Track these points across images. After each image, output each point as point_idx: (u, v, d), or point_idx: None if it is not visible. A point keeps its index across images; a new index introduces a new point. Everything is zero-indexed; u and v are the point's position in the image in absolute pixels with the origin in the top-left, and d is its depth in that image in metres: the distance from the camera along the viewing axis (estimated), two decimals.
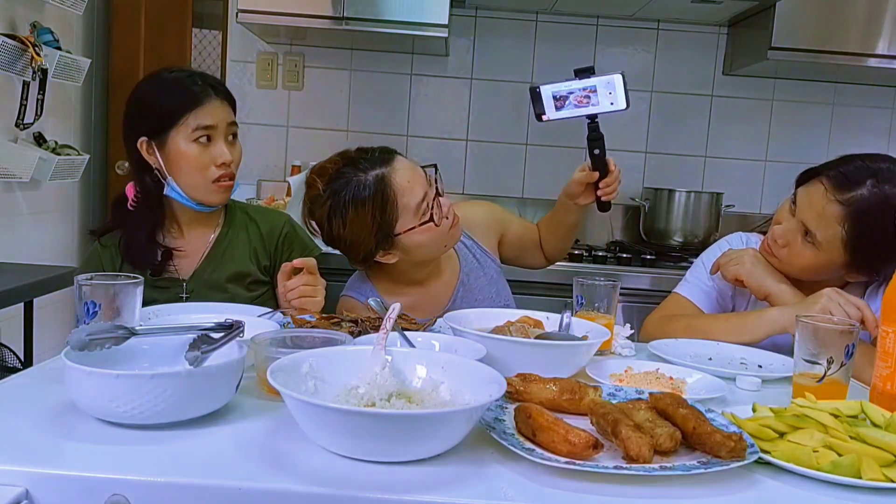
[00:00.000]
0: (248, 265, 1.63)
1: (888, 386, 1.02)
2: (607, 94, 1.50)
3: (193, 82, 1.54)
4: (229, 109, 1.58)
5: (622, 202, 3.07)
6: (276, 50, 3.00)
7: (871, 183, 1.35)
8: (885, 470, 0.80)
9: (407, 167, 1.51)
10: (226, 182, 1.56)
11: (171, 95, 1.52)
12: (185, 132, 1.51)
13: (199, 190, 1.55)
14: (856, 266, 1.41)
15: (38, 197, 2.53)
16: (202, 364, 0.88)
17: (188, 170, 1.53)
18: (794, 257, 1.44)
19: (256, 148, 3.02)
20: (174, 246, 1.59)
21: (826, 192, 1.38)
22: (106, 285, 1.05)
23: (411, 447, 0.79)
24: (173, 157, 1.52)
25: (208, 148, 1.53)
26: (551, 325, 1.29)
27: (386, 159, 1.51)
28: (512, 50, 3.01)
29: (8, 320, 2.24)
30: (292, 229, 1.71)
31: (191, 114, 1.50)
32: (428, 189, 1.51)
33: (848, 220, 1.36)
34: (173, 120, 1.50)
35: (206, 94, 1.53)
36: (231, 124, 1.57)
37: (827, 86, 3.03)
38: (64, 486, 0.73)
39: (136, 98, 1.56)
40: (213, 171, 1.53)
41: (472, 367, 0.94)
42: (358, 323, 1.25)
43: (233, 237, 1.65)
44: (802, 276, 1.47)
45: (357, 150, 1.56)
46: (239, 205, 1.71)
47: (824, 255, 1.40)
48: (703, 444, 0.83)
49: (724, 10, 2.76)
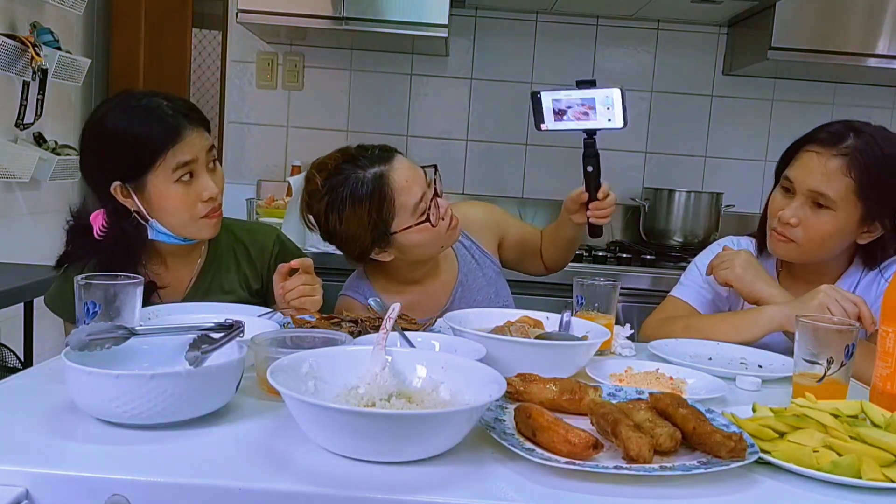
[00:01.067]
0: (238, 291, 1.54)
1: (888, 386, 1.02)
2: (605, 110, 1.52)
3: (165, 113, 1.37)
4: (205, 134, 1.43)
5: (622, 202, 3.07)
6: (276, 50, 3.00)
7: (853, 135, 1.41)
8: (885, 470, 0.80)
9: (406, 166, 1.50)
10: (215, 215, 1.44)
11: (144, 130, 1.35)
12: (165, 173, 1.36)
13: (187, 228, 1.43)
14: (871, 214, 1.41)
15: (38, 197, 2.53)
16: (202, 364, 0.88)
17: (173, 210, 1.40)
18: (812, 230, 1.43)
19: (256, 148, 3.02)
20: (158, 279, 1.47)
21: (820, 155, 1.42)
22: (106, 285, 1.05)
23: (411, 447, 0.79)
24: (155, 200, 1.38)
25: (191, 185, 1.39)
26: (551, 325, 1.29)
27: (385, 157, 1.50)
28: (512, 50, 3.01)
29: (8, 320, 2.24)
30: (282, 245, 1.63)
31: (168, 151, 1.35)
32: (426, 189, 1.50)
33: (853, 167, 1.38)
34: (151, 161, 1.35)
35: (181, 126, 1.37)
36: (209, 150, 1.43)
37: (827, 86, 3.03)
38: (64, 486, 0.73)
39: (105, 134, 1.38)
40: (199, 207, 1.41)
41: (472, 367, 0.94)
42: (358, 323, 1.25)
43: (220, 264, 1.55)
44: (823, 250, 1.45)
45: (357, 147, 1.55)
46: (224, 223, 1.53)
47: (842, 215, 1.41)
48: (703, 444, 0.83)
49: (723, 10, 2.76)
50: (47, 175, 2.38)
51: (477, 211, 1.80)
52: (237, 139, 3.02)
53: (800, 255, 1.48)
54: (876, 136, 1.41)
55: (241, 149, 3.01)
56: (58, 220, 2.65)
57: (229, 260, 1.57)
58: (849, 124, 1.44)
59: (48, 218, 2.59)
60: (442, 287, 1.67)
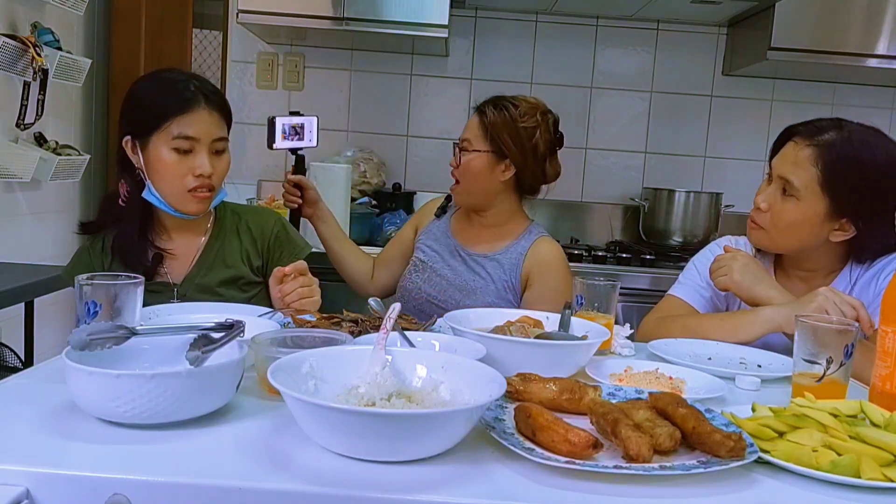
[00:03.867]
0: (241, 268, 1.62)
1: (888, 386, 1.02)
2: (309, 133, 2.05)
3: (186, 87, 1.49)
4: (220, 122, 1.53)
5: (622, 202, 3.08)
6: (276, 50, 3.00)
7: (835, 131, 1.43)
8: (884, 469, 0.80)
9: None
10: (202, 193, 1.51)
11: (160, 96, 1.48)
12: (166, 138, 1.47)
13: (175, 197, 1.51)
14: (837, 210, 1.41)
15: (38, 197, 2.53)
16: (203, 364, 0.88)
17: (164, 176, 1.49)
18: (777, 216, 1.45)
19: (257, 148, 3.02)
20: (164, 253, 1.57)
21: (797, 144, 1.45)
22: (107, 285, 1.05)
23: (411, 447, 0.79)
24: (152, 160, 1.49)
25: (187, 158, 1.48)
26: (551, 325, 1.29)
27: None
28: (512, 50, 3.02)
29: (8, 320, 2.24)
30: (283, 229, 1.70)
31: (174, 120, 1.46)
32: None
33: (820, 159, 1.41)
34: (157, 123, 1.47)
35: (195, 102, 1.48)
36: (218, 140, 1.52)
37: (826, 86, 3.03)
38: (65, 486, 0.73)
39: (131, 94, 1.53)
40: (189, 180, 1.49)
41: (472, 366, 0.94)
42: (358, 323, 1.25)
43: (223, 241, 1.63)
44: (790, 239, 1.46)
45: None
46: (229, 206, 1.69)
47: (805, 205, 1.42)
48: (702, 444, 0.83)
49: (723, 10, 2.76)
50: (48, 175, 2.38)
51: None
52: (237, 139, 3.01)
53: (769, 242, 1.50)
54: (856, 136, 1.42)
55: (241, 149, 3.01)
56: (58, 220, 2.67)
57: (232, 236, 1.65)
58: (838, 121, 1.46)
59: (49, 218, 2.59)
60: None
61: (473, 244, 1.88)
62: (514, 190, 1.87)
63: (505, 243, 1.85)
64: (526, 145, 1.79)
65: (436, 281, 1.86)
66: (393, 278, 2.01)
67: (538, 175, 1.84)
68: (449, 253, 1.89)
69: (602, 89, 3.05)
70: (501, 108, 1.80)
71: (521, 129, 1.78)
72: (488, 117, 1.80)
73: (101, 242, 1.58)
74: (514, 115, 1.79)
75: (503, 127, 1.78)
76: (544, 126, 1.81)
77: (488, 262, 1.84)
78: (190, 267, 1.60)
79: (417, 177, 3.03)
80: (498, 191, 1.85)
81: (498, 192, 1.85)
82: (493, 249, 1.86)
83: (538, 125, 1.80)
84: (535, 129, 1.80)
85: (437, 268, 1.88)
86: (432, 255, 1.91)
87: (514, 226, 1.88)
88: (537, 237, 1.85)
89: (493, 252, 1.85)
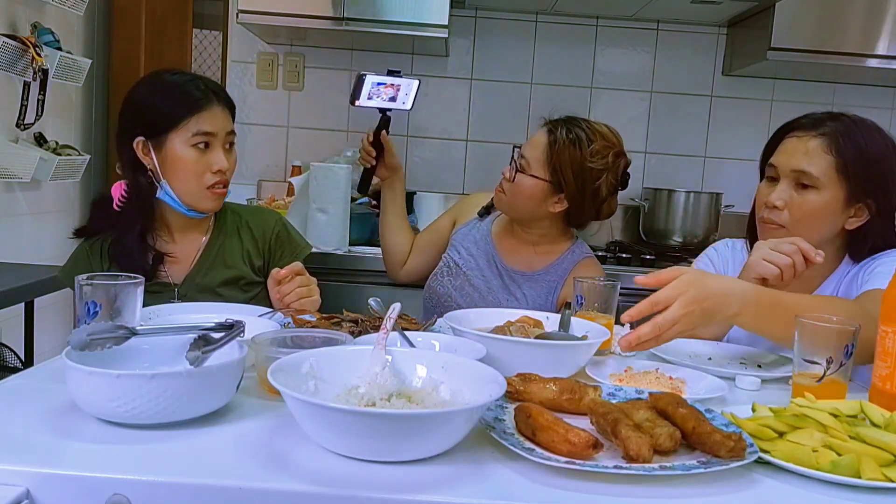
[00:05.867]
0: (242, 268, 1.63)
1: (888, 386, 1.02)
2: (404, 96, 1.98)
3: (196, 87, 1.53)
4: (229, 117, 1.59)
5: (622, 202, 3.07)
6: (276, 50, 3.00)
7: (834, 121, 1.45)
8: (884, 470, 0.80)
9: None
10: (220, 189, 1.56)
11: (172, 98, 1.51)
12: (185, 136, 1.50)
13: (193, 195, 1.54)
14: (855, 194, 1.42)
15: (38, 197, 2.53)
16: (203, 364, 0.88)
17: (183, 174, 1.52)
18: (798, 210, 1.44)
19: (257, 148, 3.02)
20: (165, 251, 1.58)
21: (801, 138, 1.45)
22: (106, 285, 1.05)
23: (411, 447, 0.79)
24: (170, 160, 1.51)
25: (205, 154, 1.53)
26: (551, 325, 1.29)
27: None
28: (512, 50, 3.01)
29: (8, 320, 2.24)
30: (284, 229, 1.71)
31: (192, 118, 1.50)
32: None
33: (833, 145, 1.42)
34: (174, 123, 1.50)
35: (208, 100, 1.53)
36: (230, 133, 1.58)
37: (827, 86, 3.03)
38: (65, 486, 0.73)
39: (135, 98, 1.55)
40: (208, 177, 1.53)
41: (472, 366, 0.94)
42: (358, 323, 1.25)
43: (224, 241, 1.64)
44: (812, 231, 1.43)
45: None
46: (230, 206, 1.70)
47: (827, 193, 1.42)
48: (702, 444, 0.83)
49: (723, 10, 2.76)
50: (48, 175, 2.38)
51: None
52: (238, 139, 2.99)
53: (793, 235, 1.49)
54: (857, 122, 1.46)
55: (241, 149, 3.00)
56: (58, 220, 2.67)
57: (233, 236, 1.66)
58: (828, 112, 1.49)
59: (49, 218, 2.59)
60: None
61: (513, 257, 1.83)
62: (562, 219, 1.79)
63: (546, 262, 1.80)
64: (588, 187, 1.68)
65: (468, 291, 1.80)
66: (423, 266, 1.96)
67: (591, 214, 1.75)
68: (486, 261, 1.83)
69: (602, 89, 3.05)
70: (574, 142, 1.67)
71: (587, 168, 1.67)
72: (557, 145, 1.68)
73: (100, 246, 1.58)
74: (585, 153, 1.66)
75: (569, 162, 1.67)
76: (613, 171, 1.70)
77: (525, 282, 1.79)
78: (190, 267, 1.60)
79: (417, 177, 3.03)
80: (544, 216, 1.77)
81: (544, 217, 1.77)
82: (532, 267, 1.80)
83: (606, 168, 1.68)
84: (603, 173, 1.68)
85: (472, 276, 1.82)
86: (468, 260, 1.84)
87: (558, 245, 1.82)
88: (581, 258, 1.79)
89: (533, 271, 1.79)
